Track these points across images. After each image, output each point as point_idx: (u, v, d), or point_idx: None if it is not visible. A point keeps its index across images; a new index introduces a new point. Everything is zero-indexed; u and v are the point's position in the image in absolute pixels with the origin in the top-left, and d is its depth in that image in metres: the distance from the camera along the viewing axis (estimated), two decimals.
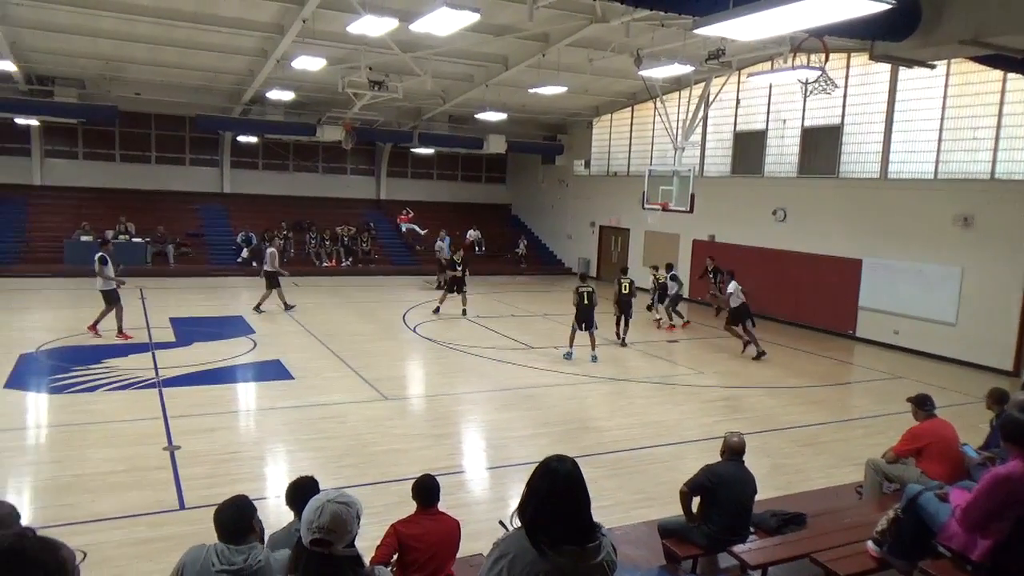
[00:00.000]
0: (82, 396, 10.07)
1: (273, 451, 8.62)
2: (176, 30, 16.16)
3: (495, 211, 31.64)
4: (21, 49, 17.82)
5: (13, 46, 17.13)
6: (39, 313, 16.18)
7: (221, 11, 15.14)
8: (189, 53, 18.23)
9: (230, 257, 24.31)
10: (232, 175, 27.40)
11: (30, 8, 14.81)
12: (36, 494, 7.09)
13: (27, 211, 23.76)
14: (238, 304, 18.21)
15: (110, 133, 25.20)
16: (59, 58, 19.30)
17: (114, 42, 17.33)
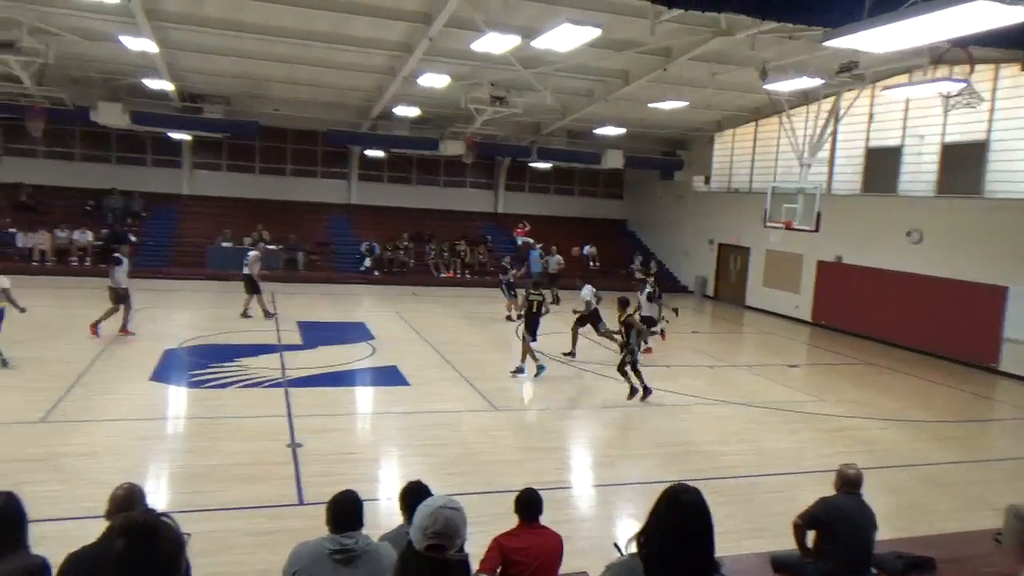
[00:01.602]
0: (216, 391, 10.79)
1: (387, 454, 8.91)
2: (311, 49, 17.13)
3: (610, 226, 31.45)
4: (177, 69, 19.45)
5: (170, 67, 18.72)
6: (183, 312, 17.47)
7: (353, 31, 15.92)
8: (323, 71, 19.28)
9: (354, 265, 25.39)
10: (359, 187, 28.68)
11: (186, 31, 16.14)
12: (171, 480, 7.65)
13: (177, 218, 25.79)
14: (359, 310, 18.98)
15: (251, 147, 26.99)
16: (208, 77, 20.92)
17: (256, 61, 18.60)
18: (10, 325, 13.19)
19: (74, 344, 12.95)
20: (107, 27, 15.32)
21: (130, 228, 24.01)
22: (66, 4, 13.88)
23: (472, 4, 12.94)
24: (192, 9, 14.96)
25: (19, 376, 10.94)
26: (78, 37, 16.06)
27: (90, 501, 6.63)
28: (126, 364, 11.94)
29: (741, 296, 24.62)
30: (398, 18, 14.96)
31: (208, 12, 15.05)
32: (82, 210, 24.23)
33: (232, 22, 15.43)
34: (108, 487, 3.77)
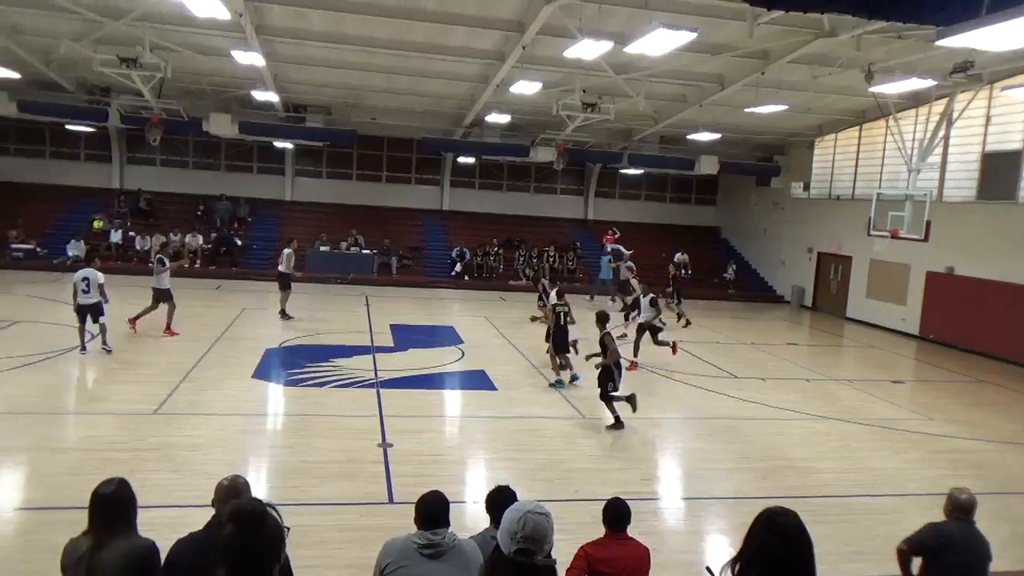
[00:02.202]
0: (312, 390, 11.19)
1: (474, 457, 9.00)
2: (408, 60, 17.59)
3: (704, 234, 30.78)
4: (282, 81, 20.38)
5: (276, 79, 19.63)
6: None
7: (449, 41, 16.24)
8: (419, 80, 19.76)
9: (445, 270, 25.83)
10: (451, 193, 29.19)
11: (291, 45, 16.89)
12: (270, 473, 7.98)
13: (279, 223, 26.95)
14: (449, 315, 19.29)
15: (349, 154, 27.93)
16: (311, 88, 21.81)
17: (356, 72, 19.27)
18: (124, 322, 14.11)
19: (184, 341, 13.72)
20: (220, 42, 16.22)
21: (236, 232, 25.27)
22: (184, 22, 14.75)
23: (565, 11, 12.97)
24: (297, 23, 15.64)
25: (135, 371, 11.68)
26: (193, 52, 17.07)
27: (196, 491, 7.01)
28: (231, 362, 12.55)
29: (842, 307, 23.59)
30: (492, 27, 15.16)
31: (312, 26, 15.70)
32: (193, 215, 25.68)
33: (334, 34, 16.04)
34: (213, 478, 3.97)
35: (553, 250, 26.82)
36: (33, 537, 6.16)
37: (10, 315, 14.94)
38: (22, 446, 8.29)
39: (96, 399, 10.61)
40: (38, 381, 10.73)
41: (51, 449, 8.21)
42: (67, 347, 12.48)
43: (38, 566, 5.36)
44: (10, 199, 24.23)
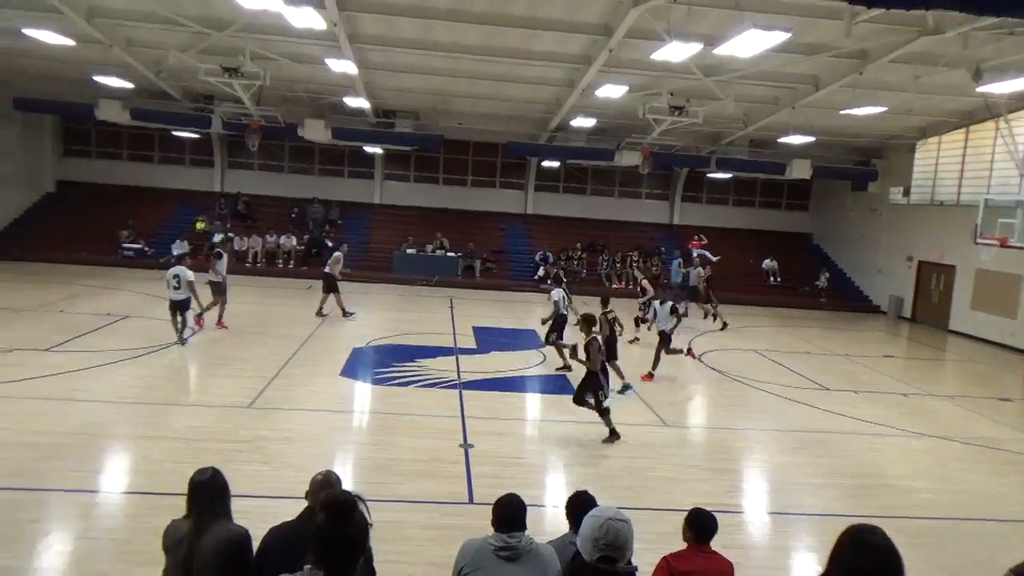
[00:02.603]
0: (397, 389, 11.45)
1: (554, 462, 9.00)
2: (496, 65, 17.78)
3: (794, 240, 29.80)
4: (373, 88, 20.97)
5: (367, 85, 20.21)
6: (371, 313, 18.69)
7: (536, 46, 16.33)
8: (505, 85, 19.94)
9: (528, 274, 25.95)
10: (535, 197, 29.30)
11: (382, 52, 17.36)
12: (355, 469, 8.21)
13: (368, 225, 27.72)
14: (532, 318, 19.33)
15: (436, 159, 28.45)
16: (400, 94, 22.35)
17: (444, 78, 19.62)
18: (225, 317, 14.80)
19: (278, 338, 14.28)
20: (315, 51, 16.83)
21: (328, 234, 26.11)
22: (282, 32, 15.38)
23: (653, 14, 12.83)
24: (388, 31, 16.06)
25: (232, 365, 12.24)
26: (290, 61, 17.76)
27: (285, 483, 7.30)
28: (320, 359, 12.98)
29: (943, 319, 22.35)
30: (579, 31, 15.16)
31: (402, 33, 16.09)
32: (288, 217, 26.70)
33: (423, 41, 16.39)
34: (301, 471, 4.12)
35: (637, 255, 26.52)
36: (137, 520, 6.54)
37: (120, 310, 15.91)
38: (129, 434, 8.82)
39: (196, 391, 11.18)
40: (143, 373, 11.39)
41: (154, 437, 8.70)
42: (171, 341, 13.20)
43: (142, 546, 5.70)
44: (122, 201, 25.85)
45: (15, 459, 7.62)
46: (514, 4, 14.10)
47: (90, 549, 6.05)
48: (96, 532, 6.38)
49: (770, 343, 17.79)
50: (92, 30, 15.94)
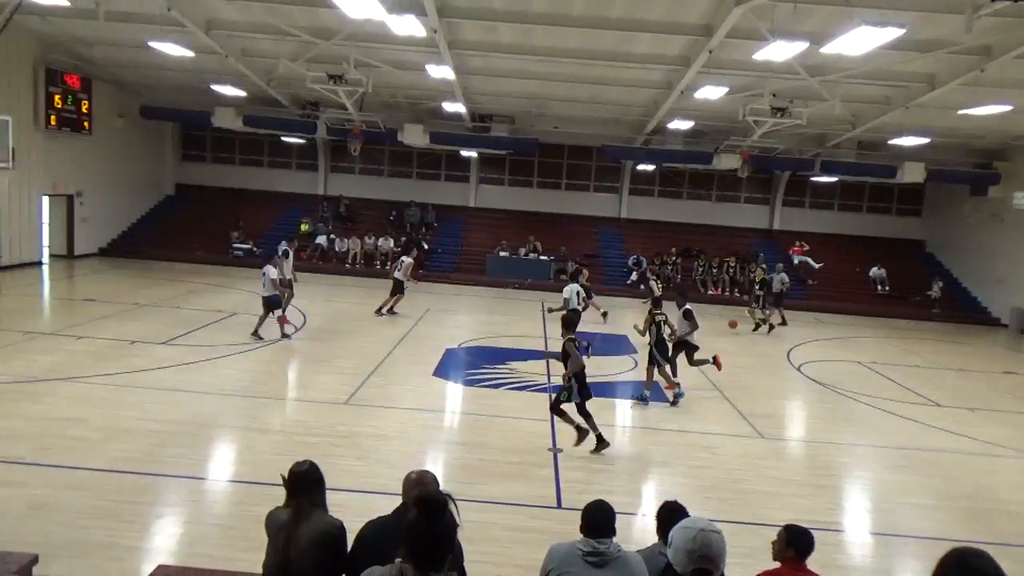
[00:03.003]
0: (488, 391, 11.57)
1: (644, 470, 8.87)
2: (592, 68, 17.72)
3: (905, 247, 28.23)
4: (470, 92, 21.30)
5: (465, 90, 20.55)
6: (464, 315, 18.99)
7: (634, 48, 16.18)
8: (601, 88, 19.84)
9: (621, 278, 25.69)
10: (630, 201, 28.98)
11: (480, 57, 17.62)
12: (445, 468, 8.33)
13: (463, 229, 28.16)
14: (624, 323, 19.13)
15: (530, 162, 28.61)
16: (497, 98, 22.61)
17: (541, 82, 19.72)
18: (323, 317, 15.37)
19: (374, 337, 14.70)
20: (415, 57, 17.26)
21: (424, 236, 26.70)
22: (384, 40, 15.86)
23: (757, 13, 12.47)
24: (487, 37, 16.29)
25: (331, 363, 12.69)
26: (392, 68, 18.28)
27: (379, 478, 7.50)
28: (414, 359, 13.28)
29: None
30: (678, 32, 14.91)
31: (500, 38, 16.28)
32: (386, 219, 27.46)
33: (521, 46, 16.54)
34: (395, 468, 4.23)
35: (734, 261, 25.79)
36: (241, 507, 6.88)
37: (229, 307, 16.77)
38: (235, 425, 9.29)
39: (296, 387, 11.66)
40: (249, 367, 11.97)
41: (258, 429, 9.13)
42: (275, 338, 13.81)
43: (245, 532, 5.99)
44: (234, 204, 27.27)
45: (136, 445, 8.17)
46: (612, 6, 14.02)
47: (198, 532, 6.41)
48: (204, 517, 6.76)
49: (875, 355, 16.93)
50: (210, 42, 16.94)
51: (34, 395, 9.56)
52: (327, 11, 13.91)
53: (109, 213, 24.84)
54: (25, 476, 7.17)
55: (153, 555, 5.88)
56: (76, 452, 7.82)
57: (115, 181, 24.86)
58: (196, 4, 15.37)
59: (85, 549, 5.83)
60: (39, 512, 6.41)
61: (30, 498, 6.68)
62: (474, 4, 14.51)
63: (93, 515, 6.43)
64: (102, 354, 11.93)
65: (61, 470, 7.35)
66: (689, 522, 2.82)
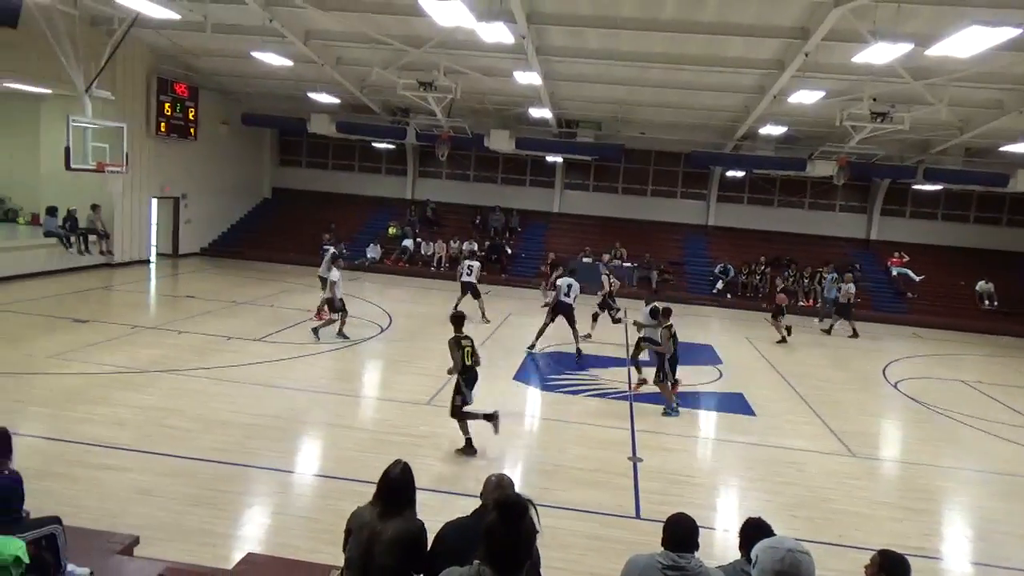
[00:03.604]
0: (567, 397, 11.54)
1: (726, 483, 8.65)
2: (681, 73, 17.45)
3: (1018, 260, 26.44)
4: (557, 98, 21.35)
5: (551, 96, 20.60)
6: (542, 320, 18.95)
7: (726, 52, 15.83)
8: (690, 94, 19.51)
9: (706, 287, 25.14)
10: (717, 208, 28.34)
11: (567, 63, 17.63)
12: (523, 472, 8.36)
13: (546, 234, 28.20)
14: (708, 333, 18.74)
15: (616, 168, 28.38)
16: (583, 104, 22.56)
17: (628, 87, 19.56)
18: (407, 318, 15.67)
19: None
20: (503, 64, 17.43)
21: (507, 241, 26.89)
22: (473, 47, 16.08)
23: (857, 14, 11.98)
24: (574, 42, 16.28)
25: (414, 363, 12.93)
26: (480, 74, 18.52)
27: (459, 479, 7.61)
28: (495, 363, 13.35)
29: None
30: (773, 35, 14.51)
31: (588, 44, 16.25)
32: (471, 224, 27.81)
33: (609, 51, 16.46)
34: (475, 469, 4.28)
35: (826, 270, 24.79)
36: (326, 501, 7.10)
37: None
38: (321, 421, 9.59)
39: (380, 386, 11.94)
40: (335, 365, 12.35)
41: (342, 426, 9.40)
42: (365, 336, 14.18)
43: (328, 526, 6.16)
44: (326, 207, 28.21)
45: (229, 436, 8.55)
46: (703, 10, 13.76)
47: (285, 523, 6.65)
48: (290, 509, 7.01)
49: (980, 373, 15.95)
50: (308, 51, 17.63)
51: (138, 385, 10.14)
52: (419, 19, 14.21)
53: (211, 215, 26.15)
54: (129, 461, 7.62)
55: (243, 543, 6.14)
56: (174, 441, 8.25)
57: (217, 184, 26.15)
58: (295, 15, 15.99)
59: (181, 533, 6.14)
60: (140, 496, 6.80)
61: (133, 483, 7.09)
62: (562, 10, 14.54)
63: (189, 501, 6.77)
64: (200, 348, 12.56)
65: (160, 457, 7.77)
66: (776, 541, 2.73)
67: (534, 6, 14.28)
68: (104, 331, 13.34)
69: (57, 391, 9.73)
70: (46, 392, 9.71)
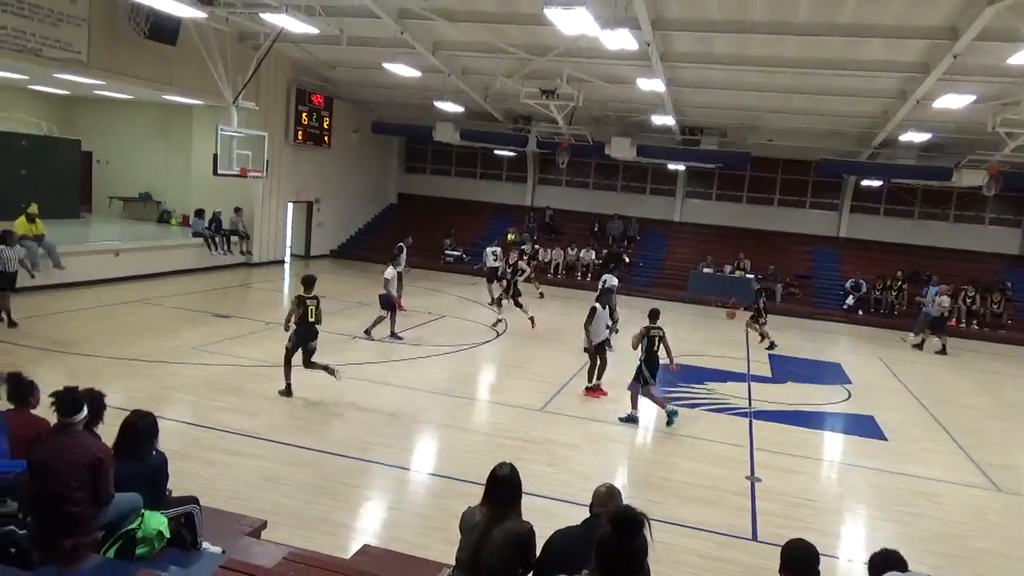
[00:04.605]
0: (683, 410, 11.21)
1: (852, 511, 8.17)
2: (814, 77, 16.71)
3: None
4: (680, 105, 20.95)
5: (675, 103, 20.24)
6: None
7: (863, 54, 15.02)
8: (822, 99, 18.64)
9: (836, 302, 23.88)
10: (850, 220, 26.86)
11: (692, 69, 17.29)
12: (633, 485, 8.20)
13: (666, 243, 27.71)
14: (836, 350, 17.79)
15: (740, 177, 27.49)
16: (708, 111, 22.03)
17: (755, 93, 18.92)
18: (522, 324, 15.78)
19: (571, 346, 14.84)
20: (626, 71, 17.30)
21: (626, 249, 26.61)
22: (596, 54, 16.05)
23: (1015, 11, 11.07)
24: (700, 48, 15.94)
25: (529, 369, 13.04)
26: (602, 82, 18.47)
27: (568, 487, 7.59)
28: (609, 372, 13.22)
29: None
30: (916, 36, 13.63)
31: (715, 49, 15.86)
32: (589, 231, 27.73)
33: (737, 56, 16.00)
34: (584, 478, 4.27)
35: (972, 289, 22.97)
36: (440, 499, 7.27)
37: (439, 310, 17.81)
38: (437, 421, 9.83)
39: (495, 390, 12.09)
40: (452, 367, 12.62)
41: (457, 428, 9.60)
42: (480, 341, 14.43)
43: (442, 524, 6.31)
44: (448, 213, 28.98)
45: (350, 431, 8.94)
46: (840, 12, 13.11)
47: (398, 518, 6.86)
48: (405, 505, 7.23)
49: None
50: (436, 61, 18.19)
51: (270, 378, 10.77)
52: (543, 28, 14.35)
53: (340, 219, 27.46)
54: (259, 449, 8.11)
55: (360, 535, 6.39)
56: (301, 432, 8.71)
57: (347, 190, 27.43)
58: (425, 27, 16.54)
59: (305, 521, 6.46)
60: (268, 483, 7.22)
61: (262, 469, 7.54)
62: (690, 15, 14.25)
63: (312, 491, 7.12)
64: (326, 346, 13.16)
65: (288, 447, 8.22)
66: None
67: (660, 12, 14.09)
68: (242, 326, 14.29)
69: (199, 380, 10.50)
70: (189, 380, 10.50)
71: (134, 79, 17.18)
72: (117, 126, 24.00)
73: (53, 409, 4.48)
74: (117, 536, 4.48)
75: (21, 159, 19.84)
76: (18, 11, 13.91)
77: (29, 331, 12.32)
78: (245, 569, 4.05)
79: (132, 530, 4.49)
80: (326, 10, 14.27)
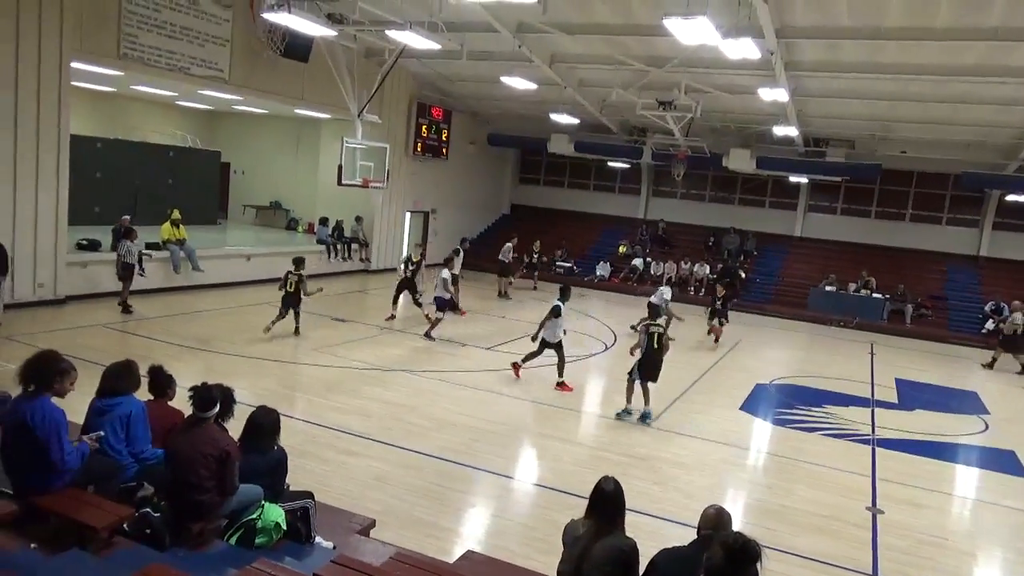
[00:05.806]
0: (799, 434, 10.77)
1: (987, 553, 7.54)
2: (952, 85, 15.65)
3: None
4: (804, 115, 20.12)
5: (798, 113, 19.46)
6: (778, 350, 17.92)
7: (1011, 60, 13.93)
8: (963, 108, 17.41)
9: (973, 326, 22.15)
10: (993, 237, 24.87)
11: (819, 78, 16.58)
12: (746, 509, 7.91)
13: (785, 258, 26.61)
14: (973, 378, 16.50)
15: (869, 190, 26.03)
16: (834, 121, 21.04)
17: (888, 103, 17.93)
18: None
19: (681, 362, 14.48)
20: (747, 81, 16.80)
21: (742, 264, 25.76)
22: (716, 64, 15.70)
23: None
24: (828, 56, 15.25)
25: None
26: (721, 92, 18.02)
27: (674, 506, 7.41)
28: (721, 390, 12.87)
29: None
30: None
31: (844, 57, 15.13)
32: (703, 245, 27.05)
33: (867, 64, 15.20)
34: (692, 499, 4.16)
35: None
36: (543, 510, 7.27)
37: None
38: (541, 432, 9.86)
39: (601, 403, 11.97)
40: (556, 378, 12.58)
41: (561, 439, 9.58)
42: (585, 353, 14.33)
43: (544, 535, 6.31)
44: (560, 223, 29.05)
45: (456, 437, 9.10)
46: (987, 14, 12.21)
47: (501, 527, 6.91)
48: (508, 513, 7.28)
49: None
50: (552, 74, 18.33)
51: (383, 382, 11.14)
52: (661, 39, 14.16)
53: (455, 228, 28.00)
54: (370, 450, 8.39)
55: (463, 540, 6.48)
56: (410, 435, 8.95)
57: (462, 200, 28.04)
58: (542, 40, 16.70)
59: (411, 523, 6.62)
60: (378, 483, 7.46)
61: (372, 470, 7.79)
62: (817, 22, 13.67)
63: (419, 493, 7.30)
64: (436, 352, 13.50)
65: (397, 449, 8.46)
66: None
67: (785, 20, 13.60)
68: (358, 330, 14.86)
69: (317, 381, 11.01)
70: (308, 380, 11.03)
71: (269, 94, 18.35)
72: (252, 138, 25.66)
73: (190, 403, 4.83)
74: (239, 525, 4.77)
75: (168, 169, 21.58)
76: (171, 33, 15.17)
77: (169, 328, 13.32)
78: (355, 566, 4.19)
79: (252, 520, 4.76)
80: (448, 26, 14.68)
